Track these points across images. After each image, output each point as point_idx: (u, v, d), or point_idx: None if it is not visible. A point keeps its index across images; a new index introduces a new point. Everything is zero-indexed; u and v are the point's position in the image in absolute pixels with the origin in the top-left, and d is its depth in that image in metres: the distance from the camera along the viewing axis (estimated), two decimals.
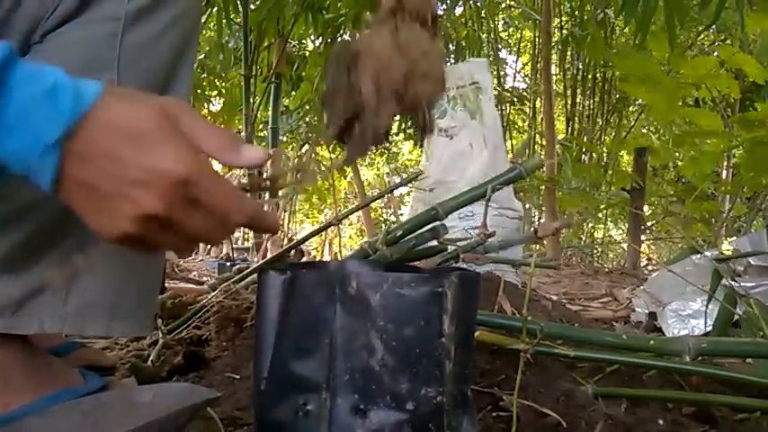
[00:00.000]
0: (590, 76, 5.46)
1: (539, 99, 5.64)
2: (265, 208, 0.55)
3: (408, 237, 1.09)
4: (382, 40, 0.55)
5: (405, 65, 0.54)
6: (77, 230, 0.65)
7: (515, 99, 5.94)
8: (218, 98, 5.44)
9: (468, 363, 0.54)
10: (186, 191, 0.43)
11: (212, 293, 1.23)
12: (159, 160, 0.42)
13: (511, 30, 6.43)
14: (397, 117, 0.66)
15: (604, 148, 5.38)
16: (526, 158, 3.98)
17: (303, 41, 5.00)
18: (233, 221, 0.47)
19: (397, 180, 4.86)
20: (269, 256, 3.67)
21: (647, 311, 1.59)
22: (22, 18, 0.58)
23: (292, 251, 1.45)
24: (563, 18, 5.49)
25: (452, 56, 4.17)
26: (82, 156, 0.41)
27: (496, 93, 5.53)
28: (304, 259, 2.08)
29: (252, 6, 3.71)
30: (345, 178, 8.18)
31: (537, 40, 5.67)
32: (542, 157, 3.92)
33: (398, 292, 0.48)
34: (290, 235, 7.83)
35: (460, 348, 0.51)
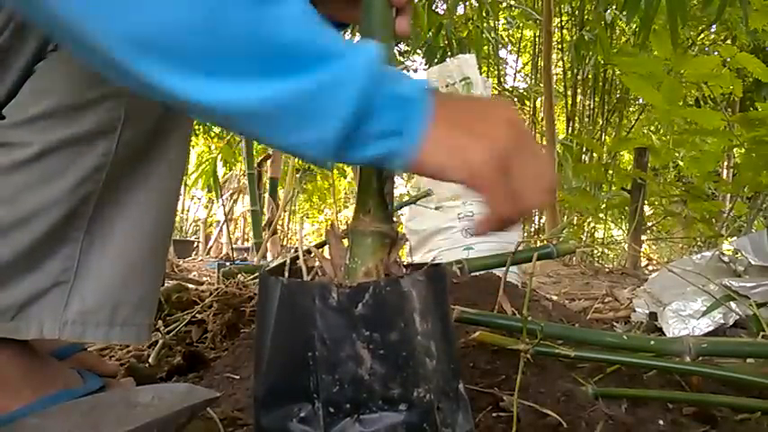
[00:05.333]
0: (590, 76, 5.46)
1: (539, 99, 5.64)
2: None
3: None
4: None
5: None
6: (79, 237, 0.65)
7: (515, 99, 5.93)
8: None
9: (453, 358, 0.54)
10: (522, 141, 0.51)
11: (215, 285, 1.23)
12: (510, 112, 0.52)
13: (512, 30, 6.42)
14: None
15: (605, 148, 5.37)
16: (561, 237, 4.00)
17: None
18: (540, 185, 0.52)
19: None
20: (268, 255, 3.66)
21: (647, 311, 1.59)
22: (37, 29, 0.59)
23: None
24: (563, 18, 5.48)
25: (456, 54, 4.17)
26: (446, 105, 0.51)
27: (496, 92, 5.52)
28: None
29: None
30: (345, 178, 8.17)
31: (537, 39, 5.66)
32: (574, 242, 3.92)
33: (370, 298, 0.48)
34: (289, 235, 7.83)
35: (441, 344, 0.51)
